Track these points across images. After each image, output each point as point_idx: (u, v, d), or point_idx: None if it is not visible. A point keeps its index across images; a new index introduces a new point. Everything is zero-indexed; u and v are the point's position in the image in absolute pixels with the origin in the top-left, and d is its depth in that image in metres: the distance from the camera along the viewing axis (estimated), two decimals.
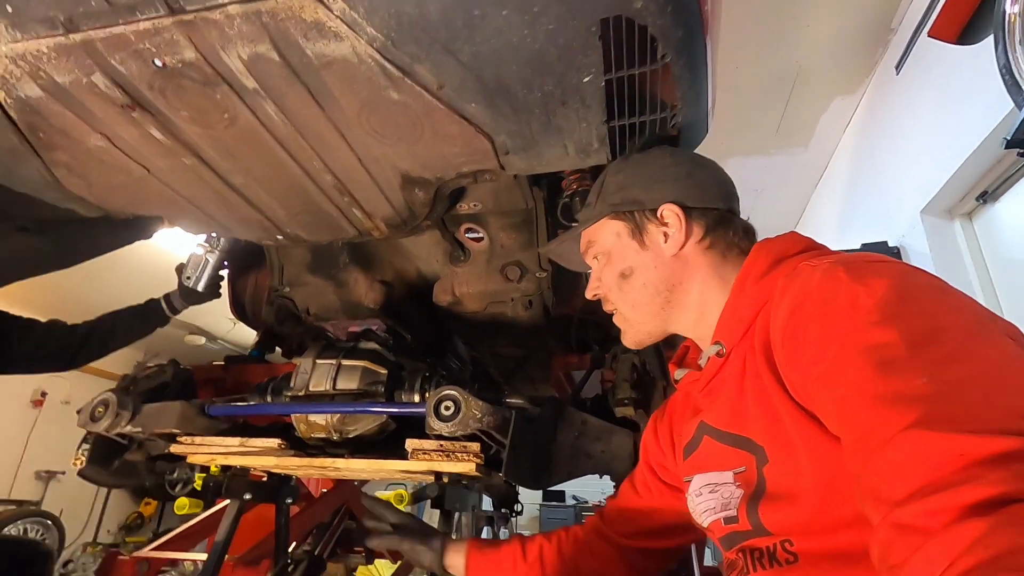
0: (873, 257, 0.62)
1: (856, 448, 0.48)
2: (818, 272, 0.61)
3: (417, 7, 0.70)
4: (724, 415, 0.75)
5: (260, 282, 1.76)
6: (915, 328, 0.50)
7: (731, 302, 0.76)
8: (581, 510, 7.37)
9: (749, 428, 0.70)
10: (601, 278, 0.88)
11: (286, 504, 1.51)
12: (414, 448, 1.11)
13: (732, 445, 0.73)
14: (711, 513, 0.76)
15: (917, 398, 0.45)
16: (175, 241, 3.92)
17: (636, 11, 0.71)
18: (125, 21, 0.75)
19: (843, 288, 0.56)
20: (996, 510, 0.36)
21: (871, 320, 0.52)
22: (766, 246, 0.76)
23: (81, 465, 1.35)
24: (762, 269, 0.73)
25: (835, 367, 0.53)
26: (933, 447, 0.41)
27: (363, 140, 0.97)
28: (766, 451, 0.67)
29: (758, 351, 0.67)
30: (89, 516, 5.74)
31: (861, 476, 0.47)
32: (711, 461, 0.77)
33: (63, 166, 1.07)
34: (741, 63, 3.04)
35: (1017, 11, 1.49)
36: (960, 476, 0.38)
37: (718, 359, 0.76)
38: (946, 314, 0.52)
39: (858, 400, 0.49)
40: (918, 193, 2.72)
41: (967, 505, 0.37)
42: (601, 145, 0.94)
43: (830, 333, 0.55)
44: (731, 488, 0.72)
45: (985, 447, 0.39)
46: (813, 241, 0.76)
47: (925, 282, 0.57)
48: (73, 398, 5.54)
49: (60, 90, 0.87)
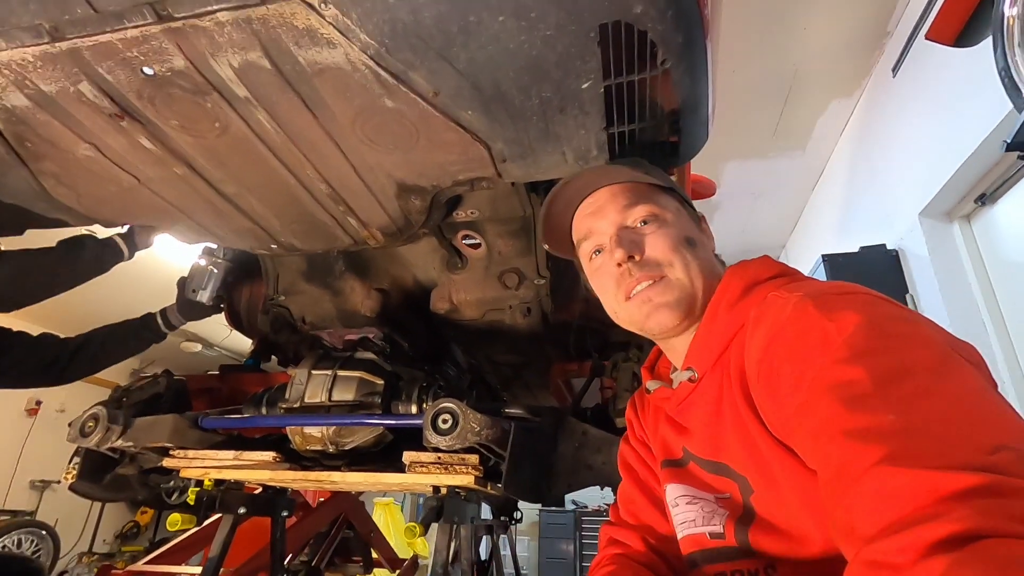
0: (843, 288, 0.62)
1: (830, 484, 0.49)
2: (789, 306, 0.62)
3: (412, 13, 0.69)
4: (705, 444, 0.75)
5: (255, 291, 1.74)
6: (882, 364, 0.50)
7: (703, 328, 0.76)
8: (581, 515, 7.34)
9: (729, 457, 0.70)
10: (651, 240, 0.78)
11: (282, 517, 1.48)
12: (412, 461, 1.09)
13: (714, 472, 0.73)
14: (692, 525, 0.75)
15: (885, 434, 0.45)
16: (177, 254, 3.91)
17: (636, 16, 0.70)
18: (112, 29, 0.73)
19: (814, 323, 0.57)
20: (962, 546, 0.36)
21: (840, 356, 0.53)
22: (738, 272, 0.76)
23: (72, 479, 1.32)
24: (735, 296, 0.73)
25: (807, 404, 0.54)
26: (901, 483, 0.42)
27: (357, 148, 0.95)
28: (749, 481, 0.67)
29: (734, 382, 0.68)
30: (84, 526, 5.68)
31: (835, 511, 0.48)
32: (694, 480, 0.77)
33: (51, 176, 1.05)
34: (738, 67, 3.04)
35: (1016, 13, 1.48)
36: (927, 512, 0.39)
37: (689, 384, 0.77)
38: (913, 349, 0.52)
39: (828, 436, 0.50)
40: (916, 195, 2.71)
41: (934, 541, 0.37)
42: (600, 152, 0.93)
43: (802, 370, 0.56)
44: (712, 505, 0.72)
45: (951, 483, 0.39)
46: (785, 266, 0.76)
47: (893, 314, 0.57)
48: (68, 407, 5.49)
49: (47, 99, 0.85)
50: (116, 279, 4.09)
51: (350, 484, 1.25)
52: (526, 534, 7.42)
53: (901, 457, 0.43)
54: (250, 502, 1.38)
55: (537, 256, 1.44)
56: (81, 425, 1.20)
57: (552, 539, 7.31)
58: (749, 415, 0.65)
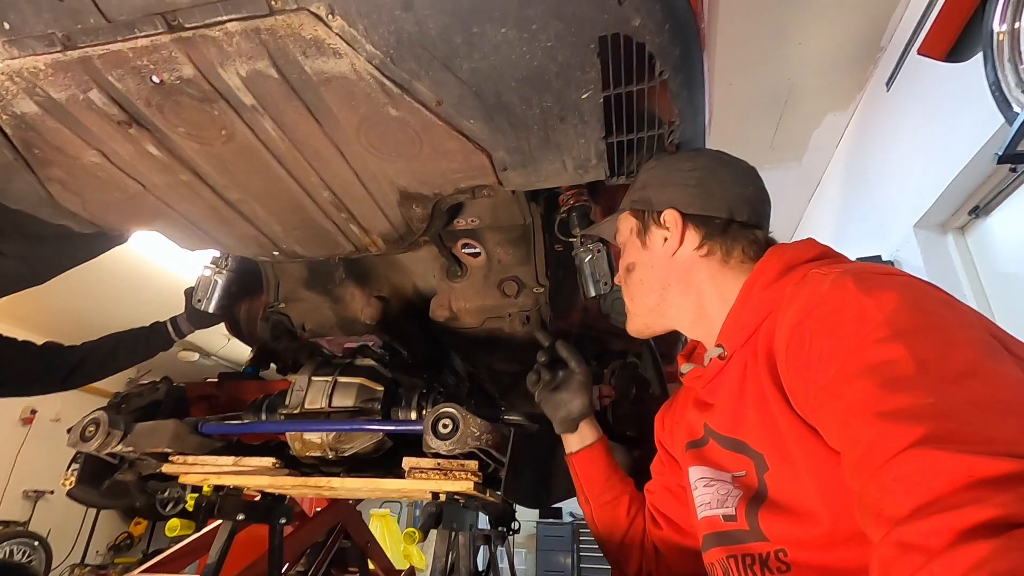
0: (884, 269, 0.61)
1: (859, 464, 0.48)
2: (827, 281, 0.60)
3: (417, 24, 0.71)
4: (725, 420, 0.75)
5: (255, 299, 1.75)
6: (924, 345, 0.49)
7: (737, 306, 0.76)
8: (579, 528, 7.29)
9: (747, 434, 0.70)
10: (619, 268, 0.94)
11: (280, 524, 1.48)
12: (411, 467, 1.10)
13: (732, 450, 0.73)
14: (707, 508, 0.75)
15: (924, 416, 0.44)
16: (182, 263, 3.91)
17: (634, 29, 0.72)
18: (123, 38, 0.75)
19: (851, 299, 0.56)
20: (1000, 533, 0.35)
21: (880, 335, 0.51)
22: (778, 252, 0.76)
23: (71, 485, 1.32)
24: (772, 276, 0.73)
25: (839, 381, 0.52)
26: (938, 466, 0.41)
27: (361, 156, 0.97)
28: (765, 458, 0.67)
29: (760, 357, 0.67)
30: (77, 536, 5.61)
31: (863, 492, 0.46)
32: (712, 460, 0.78)
33: (57, 182, 1.06)
34: (735, 79, 3.09)
35: (1005, 29, 1.51)
36: (965, 497, 0.38)
37: (720, 361, 0.77)
38: (954, 331, 0.51)
39: (862, 416, 0.48)
40: (911, 207, 2.74)
41: (971, 526, 0.36)
42: (599, 161, 0.94)
43: (836, 345, 0.54)
44: (728, 486, 0.72)
45: (991, 468, 0.38)
46: (829, 248, 0.75)
47: (935, 296, 0.56)
48: (64, 416, 5.45)
49: (56, 106, 0.86)
50: (117, 289, 4.07)
51: (349, 490, 1.25)
52: (523, 546, 7.36)
53: (939, 439, 0.42)
54: (249, 509, 1.37)
55: (536, 265, 1.45)
56: (82, 430, 1.20)
57: (549, 551, 7.25)
58: (772, 390, 0.64)
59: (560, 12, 0.69)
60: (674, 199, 0.85)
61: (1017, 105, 1.51)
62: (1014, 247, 2.33)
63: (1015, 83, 1.51)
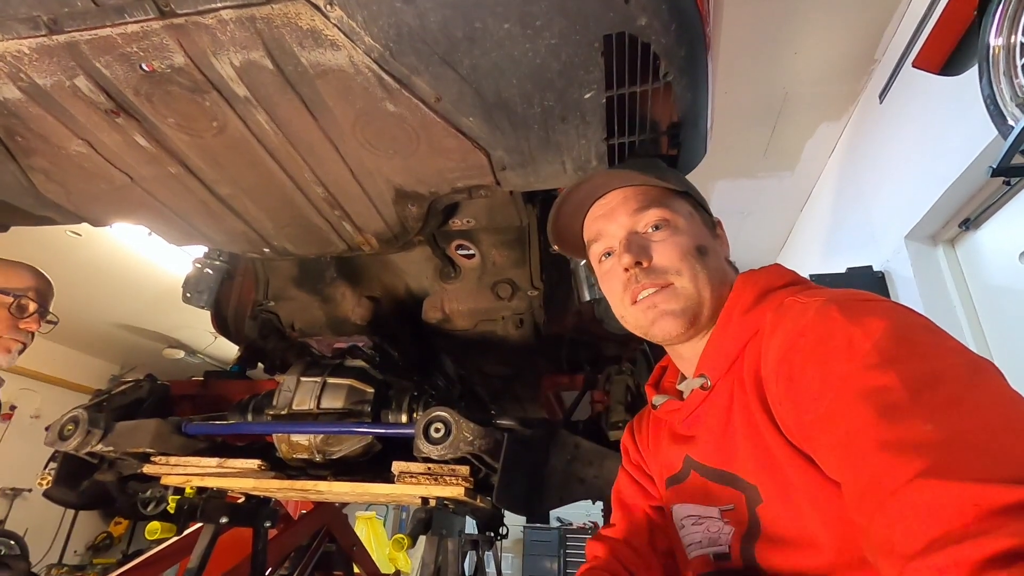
0: (864, 296, 0.61)
1: (862, 498, 0.47)
2: (810, 310, 0.60)
3: (418, 18, 0.69)
4: (710, 451, 0.73)
5: (243, 295, 1.71)
6: (915, 371, 0.49)
7: (716, 334, 0.74)
8: (566, 533, 7.26)
9: (738, 466, 0.68)
10: (660, 248, 0.77)
11: (265, 528, 1.44)
12: (401, 471, 1.07)
13: (719, 482, 0.71)
14: (698, 547, 0.73)
15: (924, 445, 0.43)
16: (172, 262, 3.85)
17: (640, 29, 0.70)
18: (112, 23, 0.72)
19: (838, 328, 0.56)
20: (1013, 564, 0.35)
21: (870, 362, 0.51)
22: (751, 279, 0.76)
23: (47, 485, 1.28)
24: (748, 303, 0.72)
25: (834, 410, 0.52)
26: (945, 497, 0.40)
27: (356, 152, 0.94)
28: (759, 491, 0.65)
29: (748, 387, 0.66)
30: (55, 536, 5.50)
31: (869, 527, 0.45)
32: (696, 495, 0.75)
33: (41, 172, 1.03)
34: (730, 88, 3.10)
35: (1001, 43, 1.52)
36: (975, 528, 0.37)
37: (702, 392, 0.75)
38: (944, 356, 0.51)
39: (861, 447, 0.48)
40: (902, 219, 2.76)
41: (984, 559, 0.36)
42: (599, 163, 0.93)
43: (827, 374, 0.54)
44: (718, 523, 0.70)
45: (999, 497, 0.38)
46: (797, 274, 0.76)
47: (919, 323, 0.56)
48: (43, 412, 5.35)
49: (40, 93, 0.83)
50: (115, 286, 4.00)
51: (336, 494, 1.22)
52: (510, 551, 7.33)
53: (943, 469, 0.41)
54: (232, 511, 1.34)
55: (531, 267, 1.43)
56: (60, 428, 1.17)
57: (536, 556, 7.23)
58: (764, 421, 0.63)
59: (565, 9, 0.68)
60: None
61: (1012, 118, 1.51)
62: (1003, 260, 2.35)
63: (1010, 96, 1.51)
